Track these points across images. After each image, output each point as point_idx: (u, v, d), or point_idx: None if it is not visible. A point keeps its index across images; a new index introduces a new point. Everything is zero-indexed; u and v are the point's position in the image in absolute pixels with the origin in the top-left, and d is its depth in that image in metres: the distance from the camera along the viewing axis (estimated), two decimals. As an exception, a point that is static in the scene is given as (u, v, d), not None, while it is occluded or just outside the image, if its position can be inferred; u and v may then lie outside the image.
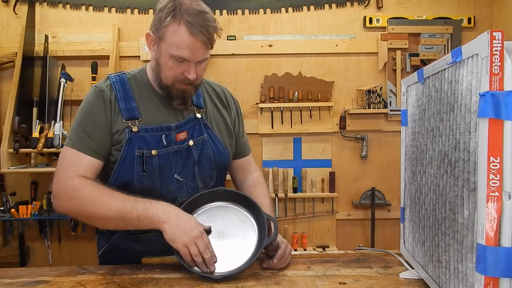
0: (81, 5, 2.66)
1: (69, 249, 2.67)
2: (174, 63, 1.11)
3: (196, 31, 1.07)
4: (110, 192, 1.10)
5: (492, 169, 0.64)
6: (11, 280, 1.05)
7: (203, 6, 1.11)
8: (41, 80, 2.52)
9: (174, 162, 1.20)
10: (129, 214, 1.06)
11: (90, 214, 1.09)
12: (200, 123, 1.25)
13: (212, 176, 1.27)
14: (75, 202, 1.08)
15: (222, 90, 1.38)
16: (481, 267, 0.66)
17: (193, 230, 1.04)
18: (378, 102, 2.66)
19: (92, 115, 1.16)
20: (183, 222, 1.05)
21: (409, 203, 1.09)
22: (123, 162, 1.15)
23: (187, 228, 1.04)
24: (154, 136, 1.17)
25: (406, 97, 1.11)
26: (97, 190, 1.09)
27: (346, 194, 2.78)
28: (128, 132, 1.15)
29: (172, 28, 1.08)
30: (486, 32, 0.64)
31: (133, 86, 1.21)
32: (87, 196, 1.07)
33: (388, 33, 2.70)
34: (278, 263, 1.09)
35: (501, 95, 0.63)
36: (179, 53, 1.09)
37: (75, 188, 1.08)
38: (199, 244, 1.03)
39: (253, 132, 2.69)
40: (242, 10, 2.72)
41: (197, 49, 1.09)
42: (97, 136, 1.14)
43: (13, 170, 2.35)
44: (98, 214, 1.08)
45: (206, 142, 1.24)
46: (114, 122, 1.16)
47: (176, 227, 1.04)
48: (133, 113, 1.17)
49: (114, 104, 1.17)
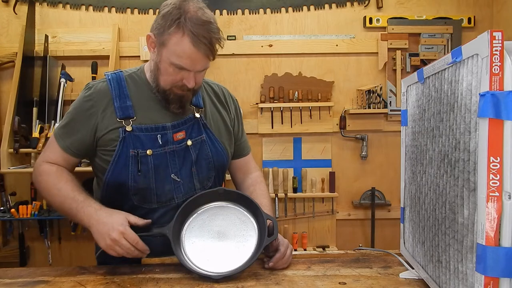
0: (81, 5, 2.66)
1: (69, 249, 2.68)
2: (174, 70, 1.11)
3: (199, 43, 1.06)
4: (60, 184, 1.16)
5: (492, 169, 0.64)
6: (11, 280, 1.05)
7: (208, 15, 1.09)
8: (41, 80, 2.53)
9: (171, 162, 1.19)
10: (67, 211, 1.14)
11: (47, 200, 1.22)
12: (199, 123, 1.24)
13: (210, 177, 1.26)
14: (38, 185, 1.21)
15: (221, 89, 1.37)
16: (481, 267, 0.66)
17: (111, 233, 1.04)
18: (378, 102, 2.66)
19: (78, 113, 1.19)
20: (101, 226, 1.06)
21: (409, 203, 1.09)
22: (118, 161, 1.16)
23: (105, 232, 1.05)
24: (149, 135, 1.17)
25: (406, 97, 1.11)
26: (52, 180, 1.17)
27: (346, 194, 2.78)
28: (122, 132, 1.15)
29: (175, 38, 1.07)
30: (486, 32, 0.64)
31: (129, 84, 1.21)
32: (43, 183, 1.18)
33: (388, 33, 2.70)
34: (275, 266, 1.09)
35: (501, 95, 0.63)
36: (179, 63, 1.09)
37: (40, 172, 1.19)
38: (121, 245, 1.04)
39: (253, 132, 2.69)
40: (242, 10, 2.72)
41: (198, 60, 1.09)
42: (76, 135, 1.19)
43: (13, 170, 2.35)
44: (49, 201, 1.21)
45: (205, 142, 1.24)
46: (103, 122, 1.17)
47: (97, 232, 1.07)
48: (127, 112, 1.17)
49: (108, 103, 1.17)
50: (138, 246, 1.06)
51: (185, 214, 1.15)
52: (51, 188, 1.17)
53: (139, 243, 1.06)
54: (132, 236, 1.05)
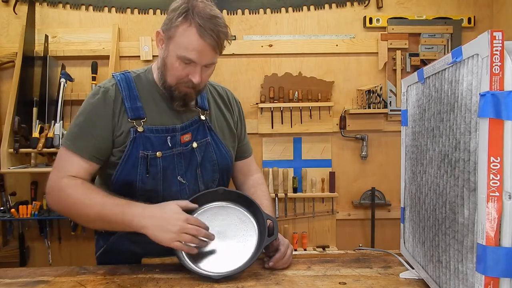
0: (81, 5, 2.65)
1: (69, 249, 2.67)
2: (181, 64, 1.10)
3: (206, 34, 1.06)
4: (93, 194, 1.08)
5: (492, 169, 0.64)
6: (11, 280, 1.05)
7: (216, 11, 1.11)
8: (41, 80, 2.52)
9: (177, 164, 1.19)
10: (108, 218, 1.06)
11: (75, 214, 1.11)
12: (204, 125, 1.24)
13: (214, 179, 1.26)
14: (63, 203, 1.10)
15: (225, 92, 1.37)
16: (481, 267, 0.67)
17: (175, 222, 1.01)
18: (378, 102, 2.66)
19: (93, 117, 1.15)
20: (159, 220, 1.02)
21: (409, 203, 1.09)
22: (126, 162, 1.14)
23: (166, 224, 1.01)
24: (159, 137, 1.17)
25: (406, 97, 1.11)
26: (80, 191, 1.08)
27: (346, 194, 2.78)
28: (133, 132, 1.14)
29: (182, 29, 1.07)
30: (486, 32, 0.64)
31: (138, 85, 1.20)
32: (71, 197, 1.08)
33: (388, 33, 2.70)
34: (275, 266, 1.09)
35: (501, 95, 0.63)
36: (186, 55, 1.08)
37: (62, 188, 1.09)
38: (189, 231, 1.01)
39: (253, 132, 2.69)
40: (242, 10, 2.72)
41: (205, 52, 1.09)
42: (95, 139, 1.13)
43: (13, 170, 2.35)
44: (81, 216, 1.10)
45: (209, 145, 1.24)
46: (118, 124, 1.15)
47: (155, 228, 1.02)
48: (138, 112, 1.16)
49: (120, 104, 1.16)
50: (202, 227, 1.04)
51: (185, 214, 1.15)
52: (83, 199, 1.07)
53: (202, 224, 1.04)
54: (194, 219, 1.04)
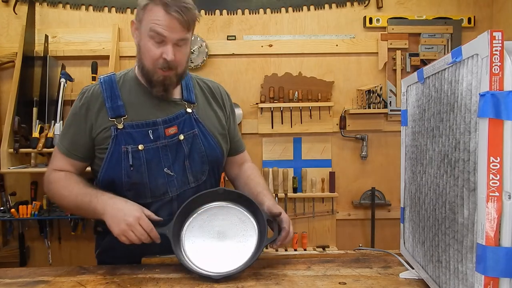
0: (81, 5, 2.66)
1: (69, 249, 2.67)
2: (153, 44, 1.14)
3: (171, 9, 1.11)
4: (71, 186, 1.19)
5: (492, 169, 0.64)
6: (11, 280, 1.05)
7: None
8: (41, 80, 2.52)
9: (163, 157, 1.22)
10: (81, 206, 1.16)
11: (61, 205, 1.27)
12: (190, 118, 1.26)
13: (203, 171, 1.28)
14: (50, 192, 1.25)
15: (216, 87, 1.40)
16: (481, 267, 0.67)
17: (127, 218, 1.07)
18: (378, 102, 2.66)
19: (71, 117, 1.25)
20: (116, 211, 1.09)
21: (409, 203, 1.09)
22: (111, 158, 1.19)
23: (121, 216, 1.07)
24: (140, 131, 1.20)
25: (406, 97, 1.11)
26: (62, 184, 1.21)
27: (346, 194, 2.78)
28: (114, 130, 1.19)
29: (148, 8, 1.13)
30: (486, 32, 0.64)
31: (120, 85, 1.26)
32: (55, 189, 1.22)
33: (388, 33, 2.70)
34: (282, 244, 1.13)
35: (501, 95, 0.63)
36: (155, 29, 1.12)
37: (50, 181, 1.24)
38: (135, 230, 1.06)
39: (253, 132, 2.69)
40: (242, 10, 2.72)
41: (172, 26, 1.12)
42: (72, 137, 1.24)
43: (13, 170, 2.35)
44: (63, 204, 1.24)
45: (197, 137, 1.26)
46: (97, 123, 1.21)
47: (111, 217, 1.09)
48: (119, 111, 1.21)
49: (100, 104, 1.22)
50: (151, 234, 1.08)
51: (185, 214, 1.16)
52: (63, 191, 1.20)
53: (153, 230, 1.09)
54: (147, 223, 1.08)
